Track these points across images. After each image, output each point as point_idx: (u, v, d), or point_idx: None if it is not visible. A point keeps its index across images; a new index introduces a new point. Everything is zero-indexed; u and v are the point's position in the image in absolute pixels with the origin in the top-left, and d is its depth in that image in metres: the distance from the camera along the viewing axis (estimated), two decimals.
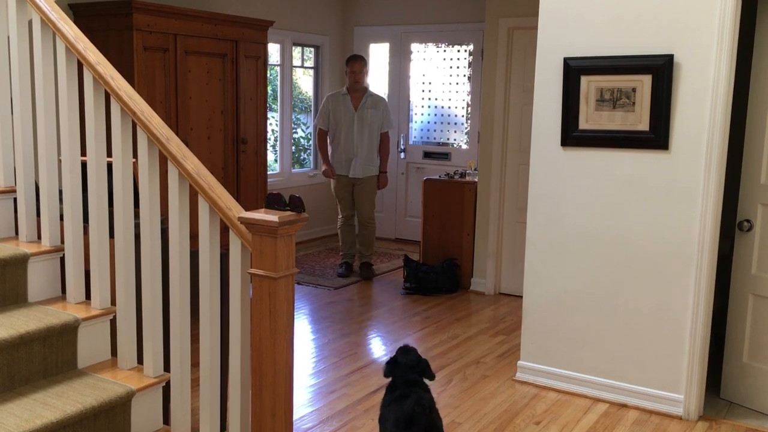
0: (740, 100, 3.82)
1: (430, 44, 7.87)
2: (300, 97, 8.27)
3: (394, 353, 3.05)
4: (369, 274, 6.49)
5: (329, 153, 6.42)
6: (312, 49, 8.11)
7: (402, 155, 8.08)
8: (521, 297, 4.29)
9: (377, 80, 8.26)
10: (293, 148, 8.04)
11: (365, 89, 6.39)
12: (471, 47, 7.59)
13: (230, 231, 2.44)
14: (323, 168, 6.49)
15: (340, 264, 6.62)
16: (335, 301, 5.79)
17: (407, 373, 2.95)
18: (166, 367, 2.76)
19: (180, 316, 2.61)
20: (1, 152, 3.05)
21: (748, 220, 3.73)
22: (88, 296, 2.91)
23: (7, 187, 3.07)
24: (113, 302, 2.85)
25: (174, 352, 2.65)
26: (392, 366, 2.98)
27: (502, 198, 5.95)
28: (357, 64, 6.32)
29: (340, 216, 6.56)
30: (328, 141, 6.40)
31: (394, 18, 7.96)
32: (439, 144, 7.98)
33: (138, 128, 2.59)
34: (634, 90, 3.70)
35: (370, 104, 6.31)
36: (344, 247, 6.59)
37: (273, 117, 7.61)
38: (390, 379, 3.02)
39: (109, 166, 2.77)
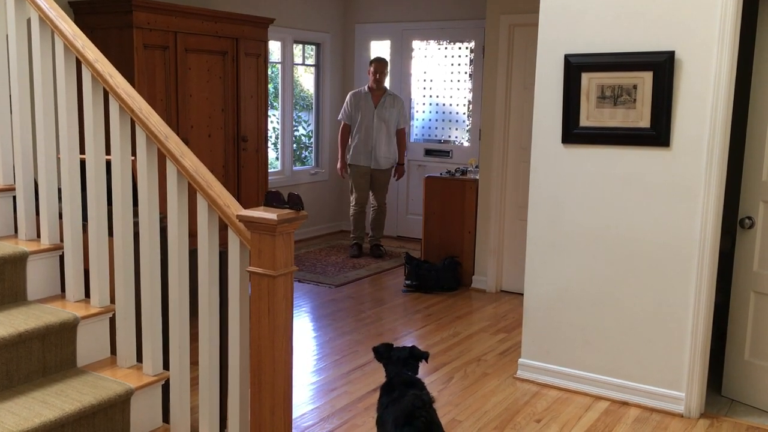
0: (741, 97, 3.81)
1: (431, 41, 7.85)
2: (301, 94, 8.27)
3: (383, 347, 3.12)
4: (380, 254, 7.15)
5: (348, 145, 7.06)
6: (313, 47, 8.10)
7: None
8: (522, 294, 4.28)
9: None
10: (294, 145, 8.04)
11: (384, 89, 7.03)
12: (472, 44, 7.57)
13: (229, 229, 2.44)
14: (339, 166, 7.15)
15: (351, 245, 7.24)
16: (336, 298, 5.78)
17: (402, 370, 2.98)
18: (166, 366, 2.75)
19: (179, 315, 2.61)
20: (0, 150, 3.04)
21: (749, 217, 3.72)
22: (87, 294, 2.91)
23: (6, 186, 3.06)
24: (112, 300, 2.85)
25: (173, 351, 2.65)
26: (386, 357, 3.04)
27: (503, 195, 5.94)
28: (380, 66, 6.93)
29: (353, 203, 7.15)
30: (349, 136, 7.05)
31: (395, 15, 7.94)
32: (440, 141, 7.96)
33: (137, 126, 2.59)
34: (635, 87, 3.69)
35: (389, 103, 6.96)
36: (355, 231, 7.22)
37: (274, 115, 7.61)
38: (386, 379, 3.03)
39: (108, 164, 2.76)
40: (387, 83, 8.07)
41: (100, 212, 2.78)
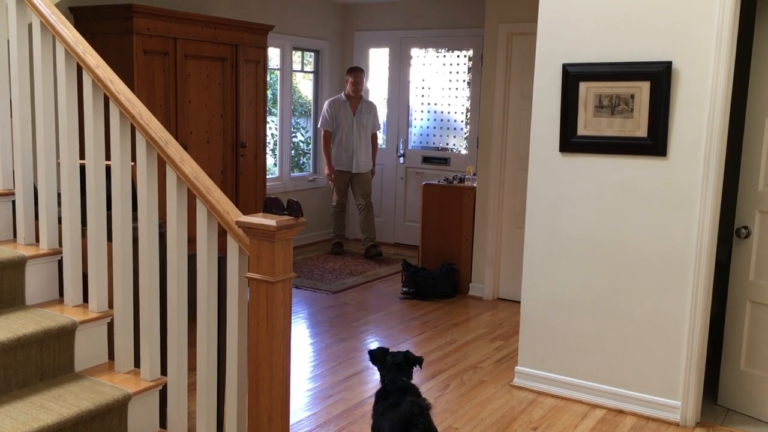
0: (738, 107, 3.83)
1: (429, 49, 7.88)
2: (300, 101, 8.28)
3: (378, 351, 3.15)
4: (376, 253, 7.37)
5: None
6: (312, 54, 8.13)
7: (401, 160, 8.10)
8: (519, 302, 4.29)
9: (377, 85, 8.27)
10: (293, 152, 8.05)
11: (360, 96, 7.39)
12: (470, 52, 7.61)
13: (228, 235, 2.44)
14: (327, 171, 7.43)
15: (333, 244, 7.61)
16: (333, 305, 5.79)
17: (397, 375, 3.01)
18: (163, 371, 2.75)
19: (177, 320, 2.61)
20: (0, 155, 3.05)
21: (745, 227, 3.74)
22: (85, 299, 2.91)
23: (5, 190, 3.07)
24: (111, 305, 2.85)
25: (171, 356, 2.65)
26: (381, 361, 3.07)
27: (500, 203, 5.95)
28: (359, 75, 7.29)
29: (334, 203, 7.53)
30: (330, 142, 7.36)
31: (394, 23, 7.97)
32: (438, 149, 7.98)
33: (137, 132, 2.60)
34: (632, 96, 3.71)
35: (365, 110, 7.34)
36: (336, 229, 7.62)
37: (272, 121, 7.62)
38: (381, 385, 3.05)
39: (108, 169, 2.77)
40: (385, 90, 8.15)
41: (99, 217, 2.79)
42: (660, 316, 3.77)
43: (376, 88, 8.27)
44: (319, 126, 7.43)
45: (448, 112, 7.87)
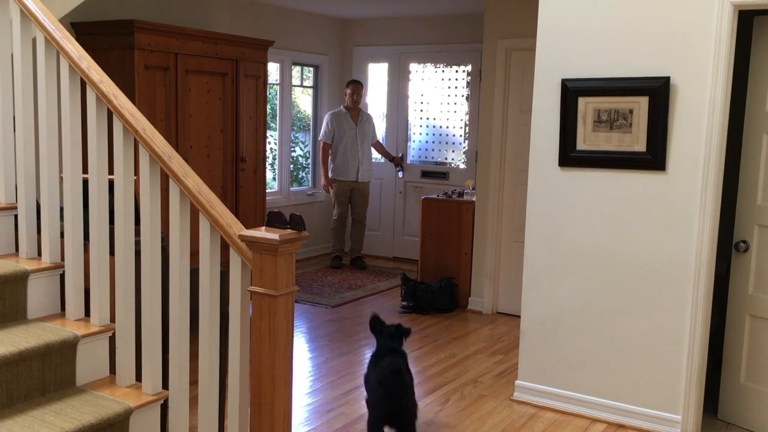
0: (736, 122, 3.86)
1: (428, 64, 7.93)
2: (299, 115, 8.32)
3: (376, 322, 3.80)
4: (362, 265, 7.62)
5: (333, 164, 7.46)
6: (311, 69, 8.17)
7: (400, 174, 8.12)
8: (519, 316, 4.30)
9: (376, 100, 8.31)
10: (291, 166, 8.07)
11: (359, 108, 7.57)
12: (469, 68, 7.65)
13: (230, 249, 2.45)
14: (323, 183, 7.55)
15: (332, 258, 7.71)
16: (333, 319, 5.78)
17: (387, 342, 3.71)
18: (165, 385, 2.75)
19: (179, 334, 2.62)
20: (3, 169, 3.06)
21: (744, 241, 3.75)
22: (87, 313, 2.91)
23: (8, 204, 3.07)
24: (112, 319, 2.85)
25: (173, 370, 2.65)
26: (378, 330, 3.78)
27: (499, 217, 5.97)
28: (358, 87, 7.49)
29: (335, 216, 7.61)
30: (330, 154, 7.47)
31: (393, 38, 8.02)
32: (437, 163, 8.01)
33: (140, 146, 2.61)
34: (631, 111, 3.74)
35: (365, 120, 7.56)
36: (336, 243, 7.72)
37: (272, 135, 7.65)
38: (376, 348, 3.75)
39: (111, 183, 2.78)
40: (384, 105, 8.20)
41: (101, 231, 2.79)
42: (660, 329, 3.78)
43: (375, 102, 8.31)
44: (319, 138, 7.51)
45: (447, 127, 7.91)
